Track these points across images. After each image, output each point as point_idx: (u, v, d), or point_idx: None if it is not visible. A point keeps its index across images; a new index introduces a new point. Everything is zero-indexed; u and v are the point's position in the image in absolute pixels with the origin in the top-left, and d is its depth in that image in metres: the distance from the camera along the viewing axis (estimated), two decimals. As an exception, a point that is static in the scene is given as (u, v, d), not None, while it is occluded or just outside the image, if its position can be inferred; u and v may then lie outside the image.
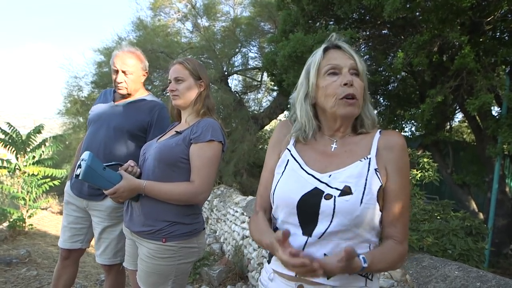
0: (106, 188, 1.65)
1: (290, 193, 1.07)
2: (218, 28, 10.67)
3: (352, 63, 1.09)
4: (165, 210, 1.67)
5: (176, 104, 1.83)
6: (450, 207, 2.93)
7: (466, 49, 4.39)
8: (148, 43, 9.06)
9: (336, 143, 1.14)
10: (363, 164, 1.06)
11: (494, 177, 5.14)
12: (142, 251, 1.71)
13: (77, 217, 2.34)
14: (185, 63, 1.80)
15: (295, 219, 1.05)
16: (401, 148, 1.08)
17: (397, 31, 5.81)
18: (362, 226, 1.01)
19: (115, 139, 2.21)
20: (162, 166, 1.68)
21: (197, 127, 1.70)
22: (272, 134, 1.32)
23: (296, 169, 1.11)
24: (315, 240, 1.02)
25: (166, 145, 1.71)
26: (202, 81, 1.83)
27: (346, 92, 1.05)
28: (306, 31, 5.79)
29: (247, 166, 8.70)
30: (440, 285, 1.91)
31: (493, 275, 1.82)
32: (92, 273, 4.10)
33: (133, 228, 1.73)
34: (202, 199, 1.70)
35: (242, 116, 9.13)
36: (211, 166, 1.69)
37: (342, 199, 1.00)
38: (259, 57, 10.41)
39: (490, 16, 4.78)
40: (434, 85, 5.39)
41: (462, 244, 2.26)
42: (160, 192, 1.65)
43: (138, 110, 2.26)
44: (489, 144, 5.04)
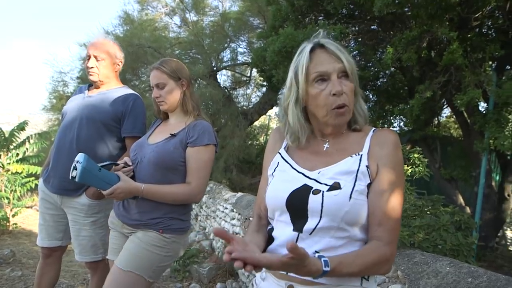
0: (103, 188, 1.67)
1: (279, 192, 1.06)
2: (206, 23, 10.54)
3: (340, 67, 1.04)
4: (163, 210, 1.74)
5: (164, 109, 1.87)
6: (440, 202, 2.95)
7: (454, 45, 4.41)
8: (135, 37, 8.89)
9: (328, 143, 1.12)
10: (353, 160, 1.04)
11: (481, 171, 5.20)
12: (136, 235, 1.75)
13: (53, 214, 2.30)
14: (162, 68, 1.82)
15: (287, 216, 1.04)
16: (393, 143, 1.05)
17: (386, 27, 5.81)
18: (354, 224, 0.98)
19: (88, 131, 2.17)
20: (161, 170, 1.73)
21: (193, 131, 1.76)
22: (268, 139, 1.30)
23: (286, 170, 1.11)
24: (306, 236, 1.00)
25: (164, 150, 1.74)
26: (182, 81, 1.84)
27: (336, 103, 1.02)
28: (296, 26, 5.75)
29: (237, 162, 8.66)
30: (432, 281, 1.91)
31: (484, 271, 1.82)
32: (79, 272, 4.02)
33: (128, 221, 1.77)
34: (199, 199, 1.78)
35: (231, 112, 9.07)
36: (207, 168, 1.78)
37: (330, 194, 0.98)
38: (248, 52, 10.33)
39: (478, 12, 4.81)
40: (422, 80, 5.42)
41: (452, 240, 2.27)
42: (159, 194, 1.70)
43: (112, 101, 2.23)
44: (476, 139, 5.09)
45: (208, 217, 6.32)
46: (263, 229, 1.15)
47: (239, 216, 4.69)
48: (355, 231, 0.99)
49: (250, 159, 9.79)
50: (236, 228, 4.68)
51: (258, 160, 10.14)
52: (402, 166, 1.07)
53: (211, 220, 6.11)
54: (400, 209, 1.02)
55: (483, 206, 5.30)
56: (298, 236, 1.00)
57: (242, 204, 4.69)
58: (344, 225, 0.97)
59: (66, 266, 4.07)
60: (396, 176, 1.02)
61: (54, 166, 2.20)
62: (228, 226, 4.99)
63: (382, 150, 1.04)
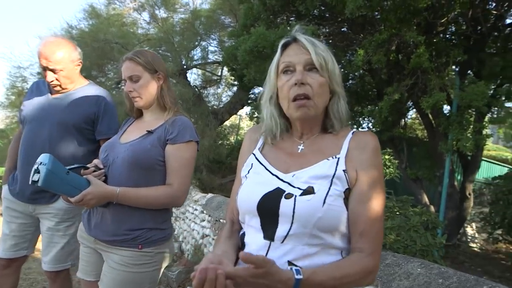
0: (70, 195, 1.46)
1: (251, 195, 1.00)
2: (176, 20, 10.33)
3: (307, 58, 0.98)
4: (141, 217, 1.54)
5: (139, 106, 1.66)
6: (409, 203, 3.01)
7: (421, 49, 4.54)
8: (101, 32, 8.56)
9: (303, 145, 1.06)
10: (330, 163, 0.98)
11: (445, 171, 5.40)
12: (112, 259, 1.55)
13: (21, 223, 2.11)
14: (136, 58, 1.61)
15: (257, 221, 0.98)
16: (374, 148, 1.00)
17: (357, 29, 5.91)
18: (329, 230, 0.92)
19: (61, 137, 1.99)
20: (137, 170, 1.53)
21: (173, 127, 1.58)
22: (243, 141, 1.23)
23: (260, 172, 1.04)
24: (278, 244, 0.93)
25: (140, 147, 1.55)
26: (159, 74, 1.66)
27: (296, 92, 0.97)
28: (267, 26, 5.72)
29: (207, 162, 8.55)
30: (403, 282, 1.91)
31: (454, 271, 1.85)
32: (38, 280, 3.78)
33: (102, 237, 1.56)
34: (182, 201, 1.60)
35: (201, 111, 8.94)
36: (189, 167, 1.60)
37: (303, 199, 0.92)
38: (219, 51, 10.23)
39: (444, 18, 4.98)
40: (390, 83, 5.55)
41: (422, 240, 2.31)
42: (137, 198, 1.51)
43: (82, 101, 2.05)
44: (440, 140, 5.27)
45: (177, 219, 6.17)
46: (235, 235, 1.09)
47: (209, 218, 4.59)
48: (330, 238, 0.93)
49: (220, 159, 9.70)
50: (206, 230, 4.58)
51: (229, 160, 10.06)
52: (382, 171, 1.03)
53: (180, 222, 5.97)
54: (382, 216, 0.97)
55: (446, 205, 5.51)
56: (270, 244, 0.93)
57: (212, 206, 4.60)
58: (317, 232, 0.91)
59: (24, 274, 3.81)
60: (377, 182, 0.98)
61: (24, 175, 1.98)
62: (198, 228, 4.88)
63: (362, 155, 0.99)
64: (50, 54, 1.93)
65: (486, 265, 5.64)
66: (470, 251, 6.56)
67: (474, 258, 6.00)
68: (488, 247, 6.97)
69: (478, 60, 5.48)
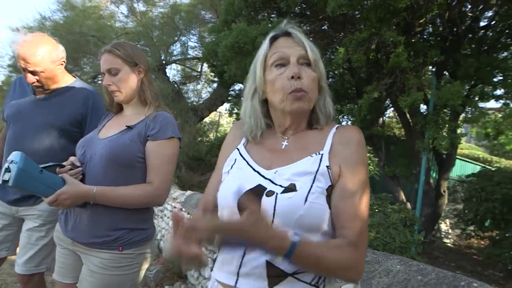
0: (45, 195, 1.38)
1: (231, 191, 0.96)
2: (156, 14, 10.15)
3: (302, 52, 0.97)
4: (121, 217, 1.47)
5: (119, 100, 1.59)
6: (388, 200, 3.05)
7: (400, 49, 4.60)
8: (76, 25, 8.29)
9: (287, 141, 1.04)
10: (313, 159, 0.95)
11: (421, 169, 5.52)
12: (92, 262, 1.48)
13: (4, 224, 2.01)
14: (115, 50, 1.53)
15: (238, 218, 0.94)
16: (357, 143, 0.97)
17: (337, 28, 5.95)
18: (310, 229, 0.89)
19: (46, 140, 1.88)
20: (115, 167, 1.46)
21: (154, 122, 1.51)
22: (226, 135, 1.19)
23: (243, 167, 1.02)
24: None
25: (119, 142, 1.48)
26: (140, 67, 1.58)
27: (293, 86, 0.94)
28: (249, 22, 5.68)
29: (186, 159, 8.45)
30: (383, 280, 1.92)
31: (432, 268, 1.87)
32: (8, 282, 3.62)
33: (80, 239, 1.49)
34: (162, 200, 1.54)
35: (181, 107, 8.82)
36: (171, 165, 1.53)
37: (284, 196, 0.89)
38: (199, 47, 10.11)
39: (422, 18, 5.07)
40: (369, 81, 5.63)
41: (401, 237, 2.34)
42: (116, 198, 1.44)
43: (69, 102, 1.94)
44: (417, 139, 5.38)
45: (156, 217, 6.07)
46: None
47: (188, 215, 4.52)
48: (312, 237, 0.90)
49: (200, 156, 9.61)
50: (185, 228, 4.52)
51: (208, 157, 9.98)
52: (366, 166, 1.00)
53: (159, 220, 5.87)
54: (366, 212, 0.95)
55: (422, 202, 5.64)
56: None
57: (191, 203, 4.53)
58: (299, 230, 0.88)
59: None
60: (361, 177, 0.95)
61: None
62: (176, 226, 4.80)
63: (346, 149, 0.96)
64: (28, 56, 1.79)
65: (459, 260, 5.81)
66: (444, 246, 6.75)
67: (448, 254, 6.18)
68: (461, 243, 7.20)
69: (454, 61, 5.62)
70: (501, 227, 5.24)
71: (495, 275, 5.16)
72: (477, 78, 5.76)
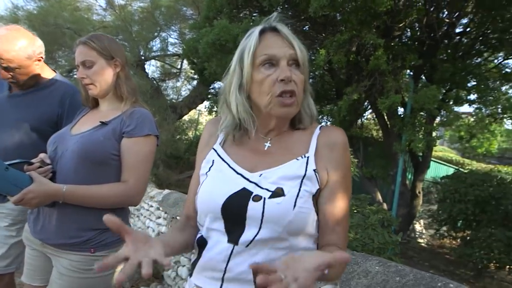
0: (10, 193, 1.30)
1: (214, 195, 0.92)
2: (135, 8, 9.92)
3: (292, 53, 0.93)
4: (92, 217, 1.39)
5: (93, 94, 1.52)
6: (366, 201, 3.08)
7: (380, 51, 4.67)
8: (51, 16, 7.99)
9: (270, 142, 1.00)
10: (299, 163, 0.93)
11: (398, 171, 5.63)
12: (61, 264, 1.40)
13: None
14: (90, 43, 1.46)
15: (221, 224, 0.90)
16: (343, 146, 0.97)
17: (319, 29, 5.99)
18: (296, 233, 0.88)
19: (17, 137, 1.78)
20: (87, 165, 1.39)
21: (130, 119, 1.44)
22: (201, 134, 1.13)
23: (223, 170, 0.96)
24: (242, 248, 0.87)
25: (92, 139, 1.40)
26: (116, 60, 1.51)
27: (282, 88, 0.90)
28: (230, 19, 5.63)
29: (164, 157, 8.31)
30: (362, 281, 1.93)
31: (410, 269, 1.89)
32: (-28, 283, 3.44)
33: (50, 240, 1.41)
34: (137, 200, 1.47)
35: (159, 104, 8.67)
36: (147, 163, 1.47)
37: (273, 202, 0.86)
38: (180, 43, 9.97)
39: (401, 22, 5.16)
40: (349, 83, 5.69)
41: (379, 238, 2.36)
42: (87, 197, 1.37)
43: (45, 100, 1.84)
44: (395, 141, 5.48)
45: (131, 216, 5.93)
46: (190, 230, 1.02)
47: (165, 215, 4.43)
48: (297, 240, 0.89)
49: (178, 154, 9.47)
50: (162, 227, 4.43)
51: (187, 155, 9.86)
52: (350, 169, 1.01)
53: (135, 219, 5.74)
54: (348, 213, 0.97)
55: (398, 203, 5.75)
56: (233, 249, 0.88)
57: (169, 202, 4.45)
58: (286, 235, 0.87)
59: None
60: (347, 180, 0.96)
61: None
62: (153, 225, 4.70)
63: (332, 153, 0.95)
64: (2, 52, 1.69)
65: (432, 259, 5.97)
66: (418, 246, 6.92)
67: (421, 253, 6.33)
68: (434, 243, 7.40)
69: (431, 65, 5.76)
70: (472, 228, 5.42)
71: (466, 274, 5.33)
72: (452, 83, 5.93)
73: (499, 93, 6.78)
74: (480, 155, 16.85)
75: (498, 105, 6.57)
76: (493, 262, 4.89)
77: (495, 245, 4.78)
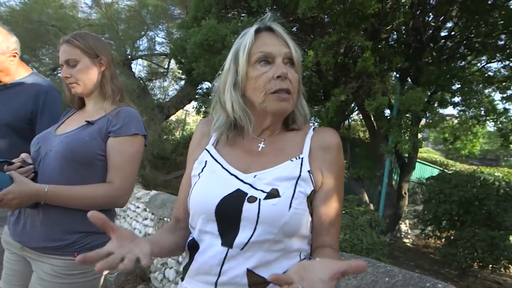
0: None
1: (208, 197, 0.91)
2: (122, 7, 9.80)
3: (287, 52, 0.94)
4: (77, 219, 1.34)
5: (77, 93, 1.49)
6: (355, 202, 3.10)
7: (367, 53, 4.72)
8: (35, 13, 7.81)
9: (263, 142, 0.99)
10: (294, 164, 0.93)
11: (385, 172, 5.69)
12: (42, 269, 1.35)
13: None
14: (74, 41, 1.44)
15: (214, 227, 0.89)
16: (337, 148, 0.98)
17: (307, 31, 6.01)
18: (291, 235, 0.88)
19: None
20: (72, 165, 1.35)
21: (117, 118, 1.40)
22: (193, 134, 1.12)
23: (217, 170, 0.95)
24: (237, 252, 0.86)
25: (77, 138, 1.37)
26: (101, 59, 1.48)
27: (278, 86, 0.90)
28: (219, 20, 5.61)
29: (151, 157, 8.22)
30: (352, 282, 1.93)
31: (399, 270, 1.90)
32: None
33: (31, 244, 1.36)
34: (123, 202, 1.43)
35: (146, 104, 8.56)
36: (134, 164, 1.43)
37: (268, 203, 0.86)
38: (167, 43, 9.89)
39: (388, 25, 5.22)
40: (336, 84, 5.73)
41: (368, 239, 2.37)
42: (70, 198, 1.32)
43: (18, 97, 1.81)
44: (382, 142, 5.54)
45: (118, 217, 5.84)
46: (179, 232, 1.01)
47: (152, 216, 4.38)
48: (291, 242, 0.89)
49: (165, 154, 9.39)
50: (149, 229, 4.37)
51: (174, 156, 9.78)
52: (343, 170, 1.02)
53: (121, 220, 5.65)
54: (341, 215, 0.99)
55: (385, 203, 5.82)
56: (227, 252, 0.86)
57: (156, 203, 4.39)
58: (281, 237, 0.86)
59: None
60: (340, 182, 0.97)
61: None
62: (140, 227, 4.64)
63: (327, 155, 0.96)
64: None
65: (417, 259, 6.06)
66: (404, 246, 7.01)
67: (407, 253, 6.42)
68: (419, 243, 7.51)
69: (417, 68, 5.84)
70: (457, 228, 5.51)
71: (451, 273, 5.42)
72: (437, 85, 6.03)
73: (482, 96, 6.94)
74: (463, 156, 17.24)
75: (481, 107, 6.74)
76: (476, 262, 4.99)
77: (478, 244, 4.87)
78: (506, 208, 5.38)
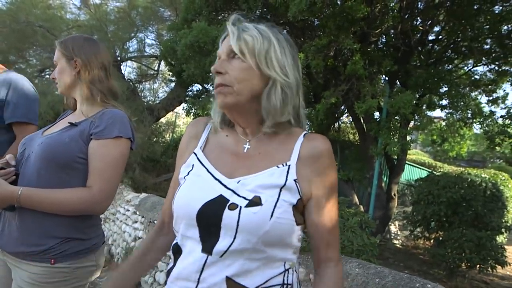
0: None
1: (190, 201, 0.89)
2: (111, 8, 9.70)
3: (228, 47, 0.91)
4: (55, 224, 1.30)
5: (60, 92, 1.52)
6: (345, 203, 3.11)
7: (357, 57, 4.76)
8: (22, 13, 7.69)
9: (249, 143, 0.97)
10: (280, 171, 0.90)
11: (375, 173, 5.74)
12: (20, 275, 1.30)
13: None
14: (59, 43, 1.49)
15: (196, 232, 0.87)
16: (328, 155, 0.94)
17: (297, 34, 6.05)
18: (273, 244, 0.85)
19: None
20: (51, 168, 1.31)
21: (100, 120, 1.37)
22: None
23: (202, 174, 0.94)
24: (216, 259, 0.84)
25: (57, 140, 1.34)
26: (75, 60, 1.46)
27: (215, 83, 0.92)
28: (209, 21, 5.61)
29: (140, 160, 8.13)
30: (343, 283, 1.94)
31: (389, 271, 1.92)
32: None
33: (8, 248, 1.32)
34: (102, 208, 1.37)
35: (136, 106, 8.48)
36: (116, 168, 1.37)
37: (249, 211, 0.83)
38: (157, 45, 9.83)
39: (377, 29, 5.28)
40: (327, 87, 5.77)
41: (358, 240, 2.39)
42: (44, 203, 1.27)
43: None
44: (371, 144, 5.59)
45: (107, 220, 5.77)
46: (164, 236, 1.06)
47: (142, 219, 4.34)
48: (274, 251, 0.86)
49: (155, 157, 9.29)
50: (138, 232, 4.32)
51: (164, 158, 9.69)
52: (336, 177, 0.98)
53: (110, 224, 5.59)
54: (338, 222, 0.97)
55: (375, 205, 5.87)
56: (206, 258, 0.85)
57: (146, 206, 4.36)
58: (261, 246, 0.84)
59: None
60: (334, 191, 0.95)
61: None
62: (129, 230, 4.59)
63: (316, 164, 0.92)
64: None
65: (407, 260, 6.11)
66: (393, 247, 7.07)
67: (396, 254, 6.47)
68: (408, 244, 7.59)
69: (405, 71, 5.92)
70: (445, 229, 5.59)
71: (439, 274, 5.49)
72: (426, 88, 6.11)
73: (469, 98, 7.06)
74: (451, 158, 17.50)
75: (468, 110, 6.84)
76: (464, 262, 5.06)
77: (466, 245, 4.95)
78: (492, 209, 5.49)
